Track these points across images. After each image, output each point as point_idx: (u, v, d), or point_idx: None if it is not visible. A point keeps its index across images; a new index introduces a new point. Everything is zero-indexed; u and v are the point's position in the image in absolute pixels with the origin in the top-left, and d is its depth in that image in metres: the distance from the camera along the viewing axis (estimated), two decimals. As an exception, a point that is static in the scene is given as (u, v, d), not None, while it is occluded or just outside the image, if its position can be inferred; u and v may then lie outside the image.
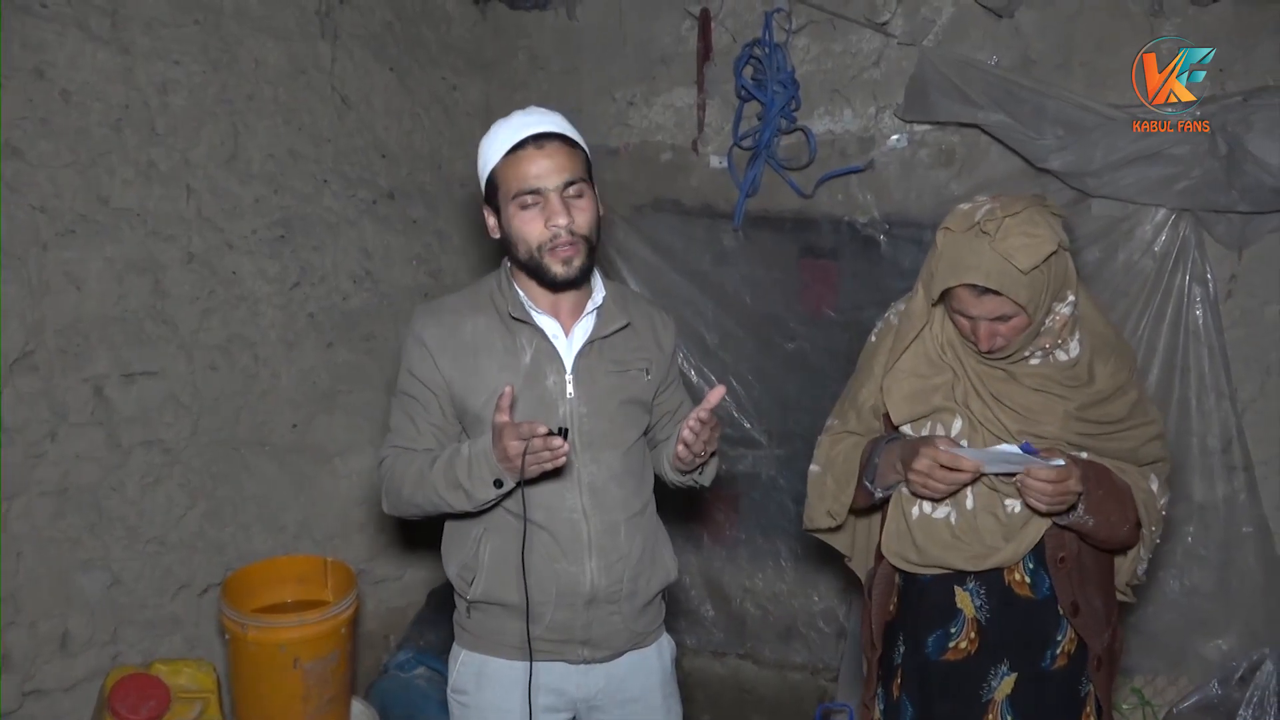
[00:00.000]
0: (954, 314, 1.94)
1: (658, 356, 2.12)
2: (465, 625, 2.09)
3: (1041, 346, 1.92)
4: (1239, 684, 3.06)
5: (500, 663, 2.03)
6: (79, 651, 2.72)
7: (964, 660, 2.04)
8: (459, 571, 2.03)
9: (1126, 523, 1.96)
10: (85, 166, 2.61)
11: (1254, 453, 3.11)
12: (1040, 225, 1.81)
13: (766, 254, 3.71)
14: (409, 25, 3.59)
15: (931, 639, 2.06)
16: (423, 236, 3.71)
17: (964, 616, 2.03)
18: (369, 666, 3.50)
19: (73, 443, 2.65)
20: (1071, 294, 1.91)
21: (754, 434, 3.78)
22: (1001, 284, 1.79)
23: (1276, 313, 3.07)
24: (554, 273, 1.89)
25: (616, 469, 2.00)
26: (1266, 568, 3.12)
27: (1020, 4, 3.16)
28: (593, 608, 1.99)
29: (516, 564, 1.94)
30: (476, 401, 1.95)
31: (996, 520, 1.96)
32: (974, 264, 1.82)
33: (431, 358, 1.96)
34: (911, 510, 2.03)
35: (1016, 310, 1.83)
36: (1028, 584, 2.00)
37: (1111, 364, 1.98)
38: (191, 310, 2.90)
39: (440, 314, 2.00)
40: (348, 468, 3.43)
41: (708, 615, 3.96)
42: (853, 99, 3.47)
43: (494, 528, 1.99)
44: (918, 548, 2.02)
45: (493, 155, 1.94)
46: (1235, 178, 2.88)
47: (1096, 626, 2.02)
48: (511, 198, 1.90)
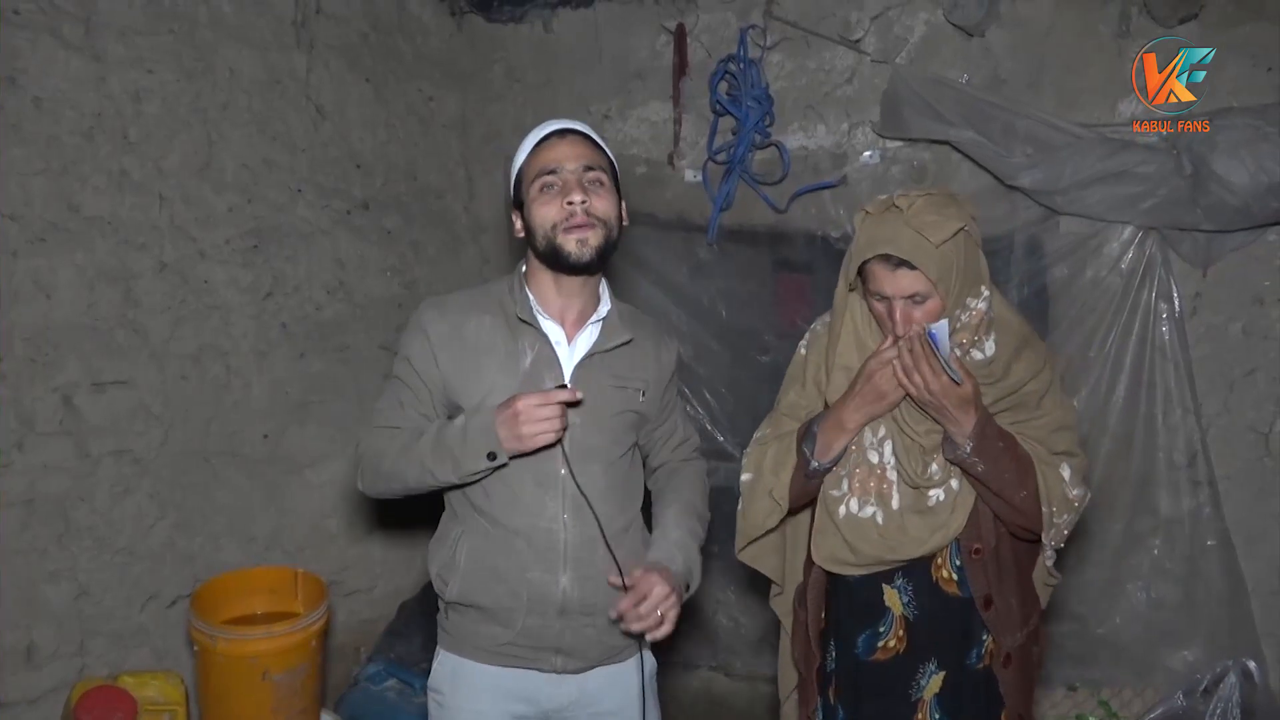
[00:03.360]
0: (871, 298, 1.98)
1: (656, 377, 2.13)
2: (444, 625, 2.10)
3: (959, 343, 1.96)
4: (1203, 695, 3.10)
5: (474, 665, 2.04)
6: (44, 663, 2.69)
7: (893, 660, 2.07)
8: (439, 571, 2.04)
9: (1023, 489, 1.97)
10: (56, 174, 2.60)
11: (1218, 467, 3.16)
12: (951, 205, 1.89)
13: (741, 268, 3.73)
14: (385, 36, 3.59)
15: (861, 639, 2.09)
16: (397, 247, 3.70)
17: (892, 615, 2.06)
18: (339, 679, 3.47)
19: (40, 452, 2.63)
20: (985, 289, 1.96)
21: (727, 447, 3.79)
22: (913, 255, 1.85)
23: (1240, 330, 3.13)
24: (568, 251, 1.89)
25: (601, 483, 2.00)
26: (1230, 581, 3.17)
27: (991, 24, 3.21)
28: (565, 618, 1.99)
29: (491, 566, 1.95)
30: (470, 400, 1.95)
31: (921, 517, 2.00)
32: (888, 236, 1.88)
33: (432, 352, 1.97)
34: (838, 510, 2.06)
35: (929, 289, 1.88)
36: (954, 580, 2.03)
37: (1026, 358, 2.02)
38: (163, 319, 2.88)
39: (447, 309, 2.01)
40: (319, 478, 3.41)
41: (679, 627, 3.94)
42: (826, 115, 3.51)
43: (471, 529, 1.99)
44: (850, 546, 2.04)
45: (521, 153, 1.98)
46: (1200, 196, 2.93)
47: (1009, 624, 2.04)
48: (532, 180, 1.93)
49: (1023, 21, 3.19)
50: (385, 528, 3.62)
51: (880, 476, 2.03)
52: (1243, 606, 3.16)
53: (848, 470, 2.07)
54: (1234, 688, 3.05)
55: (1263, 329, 3.11)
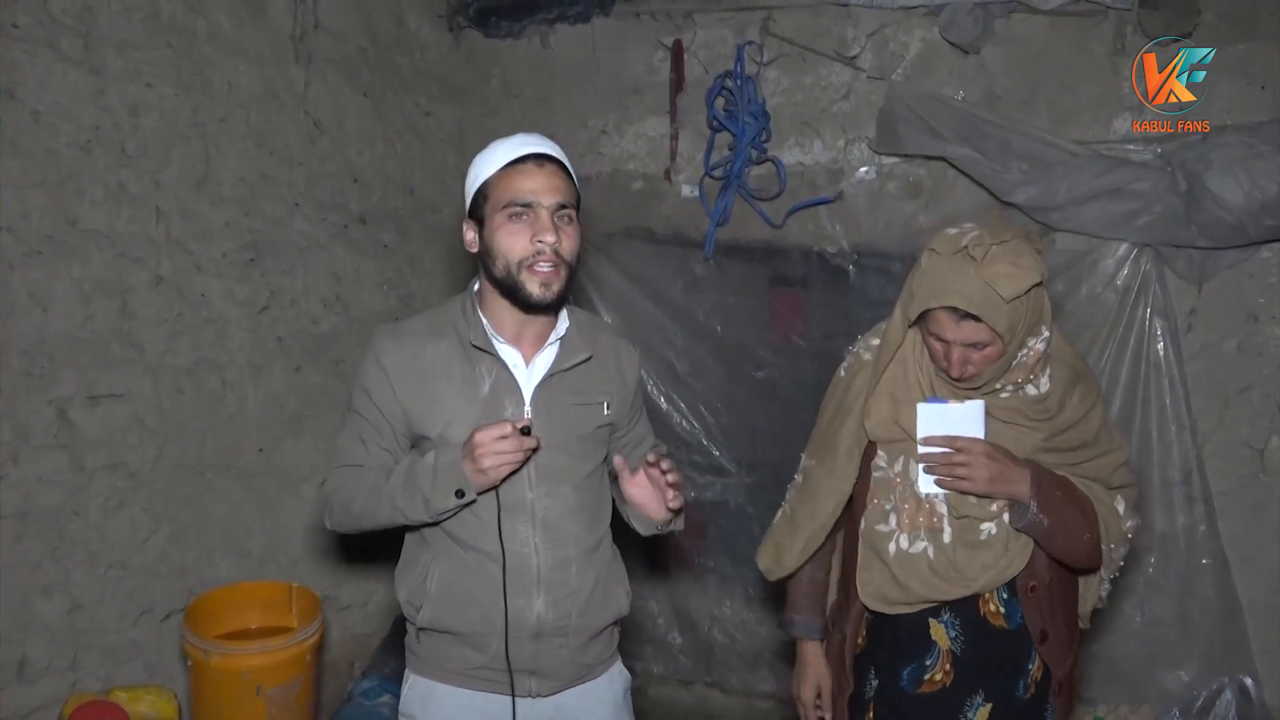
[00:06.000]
0: (929, 336, 1.94)
1: (619, 389, 2.07)
2: (414, 649, 2.06)
3: (1014, 380, 1.93)
4: (1199, 713, 3.10)
5: (446, 688, 2.01)
6: (37, 678, 2.67)
7: (939, 692, 2.03)
8: (408, 597, 2.01)
9: (1087, 531, 1.96)
10: (54, 187, 2.60)
11: (1213, 484, 3.17)
12: (1026, 256, 1.82)
13: (737, 283, 3.74)
14: (383, 51, 3.61)
15: (907, 671, 2.04)
16: (394, 261, 3.71)
17: (939, 649, 2.02)
18: (333, 694, 3.45)
19: (35, 465, 2.62)
20: (1045, 329, 1.91)
21: (723, 461, 3.79)
22: (982, 310, 1.80)
23: (1235, 346, 3.14)
24: (529, 292, 1.84)
25: (571, 504, 1.97)
26: (1225, 599, 3.17)
27: (986, 41, 3.23)
28: (539, 640, 1.96)
29: (464, 592, 1.92)
30: (432, 429, 1.90)
31: (973, 550, 1.97)
32: (957, 287, 1.82)
33: (390, 383, 1.91)
34: (888, 547, 2.02)
35: (993, 338, 1.83)
36: (1002, 614, 2.00)
37: (1078, 393, 1.99)
38: (159, 332, 2.88)
39: (401, 338, 1.95)
40: (314, 492, 3.40)
41: (675, 643, 3.96)
42: (822, 131, 3.52)
43: (442, 554, 1.96)
44: (900, 585, 2.01)
45: (488, 167, 1.88)
46: (1194, 214, 2.95)
47: (1061, 653, 2.03)
48: (501, 207, 1.85)
49: (1018, 39, 3.22)
50: (379, 543, 3.59)
51: (930, 511, 1.99)
52: (1238, 623, 3.16)
53: (894, 505, 2.02)
54: (1230, 704, 3.05)
55: (1257, 345, 3.12)
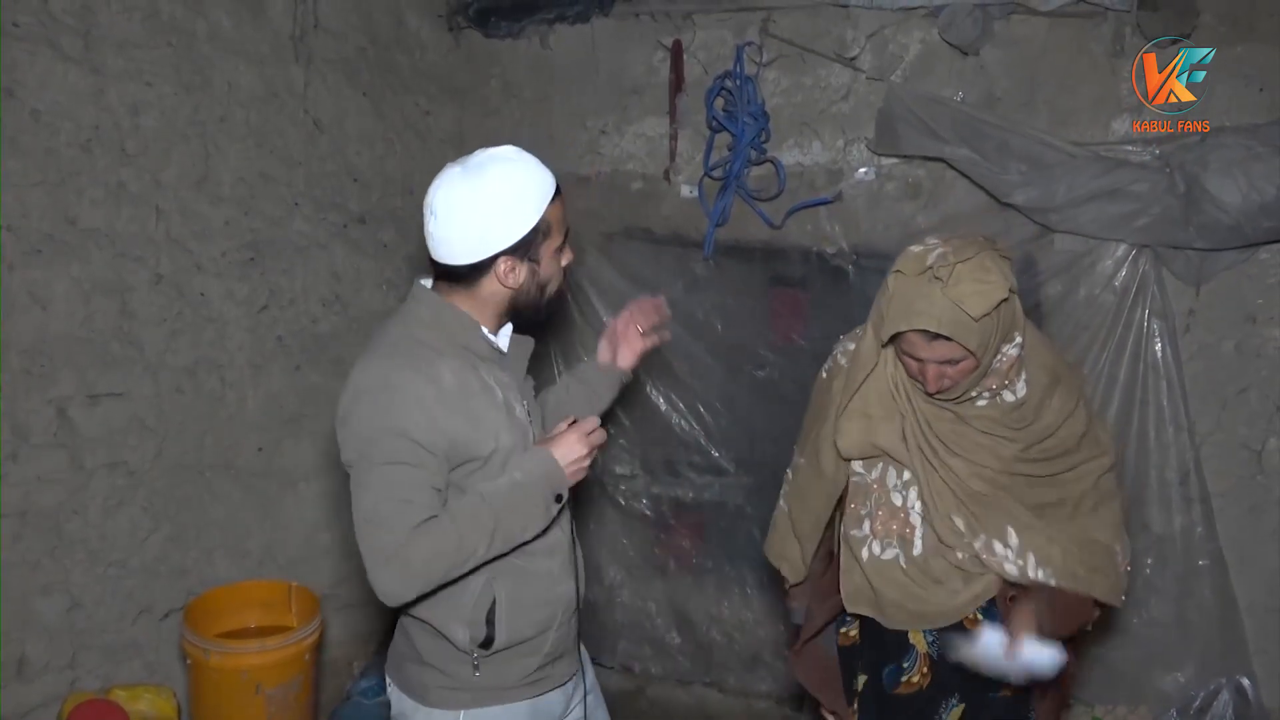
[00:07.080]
0: (903, 355, 1.94)
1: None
2: (471, 683, 1.91)
3: (989, 388, 1.93)
4: (1197, 714, 3.10)
5: (502, 709, 1.94)
6: (35, 677, 2.67)
7: (916, 694, 2.08)
8: (470, 634, 1.86)
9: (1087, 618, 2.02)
10: (54, 186, 2.60)
11: (1211, 485, 3.17)
12: (992, 272, 1.80)
13: (736, 283, 3.74)
14: (383, 51, 3.61)
15: (886, 671, 2.10)
16: (393, 261, 3.71)
17: (916, 652, 2.07)
18: (332, 693, 3.46)
19: (34, 464, 2.62)
20: (1019, 335, 1.91)
21: (722, 462, 3.79)
22: (953, 330, 1.79)
23: (1233, 347, 3.14)
24: (541, 307, 1.91)
25: None
26: (1222, 600, 3.17)
27: (985, 43, 3.23)
28: (572, 619, 2.00)
29: (531, 596, 1.90)
30: (483, 448, 1.82)
31: (946, 561, 1.99)
32: (925, 309, 1.81)
33: (429, 417, 1.77)
34: (861, 552, 2.05)
35: (965, 355, 1.83)
36: (979, 620, 2.02)
37: (1058, 397, 1.99)
38: (158, 332, 2.88)
39: (418, 366, 1.81)
40: (313, 492, 3.40)
41: (673, 643, 3.96)
42: (822, 132, 3.52)
43: (501, 571, 1.88)
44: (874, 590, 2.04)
45: (543, 198, 1.81)
46: (1193, 215, 2.95)
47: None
48: (564, 237, 1.89)
49: (1017, 40, 3.22)
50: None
51: (903, 520, 2.01)
52: (1236, 624, 3.16)
53: (869, 510, 2.04)
54: (1227, 705, 3.05)
55: (1255, 347, 3.12)
